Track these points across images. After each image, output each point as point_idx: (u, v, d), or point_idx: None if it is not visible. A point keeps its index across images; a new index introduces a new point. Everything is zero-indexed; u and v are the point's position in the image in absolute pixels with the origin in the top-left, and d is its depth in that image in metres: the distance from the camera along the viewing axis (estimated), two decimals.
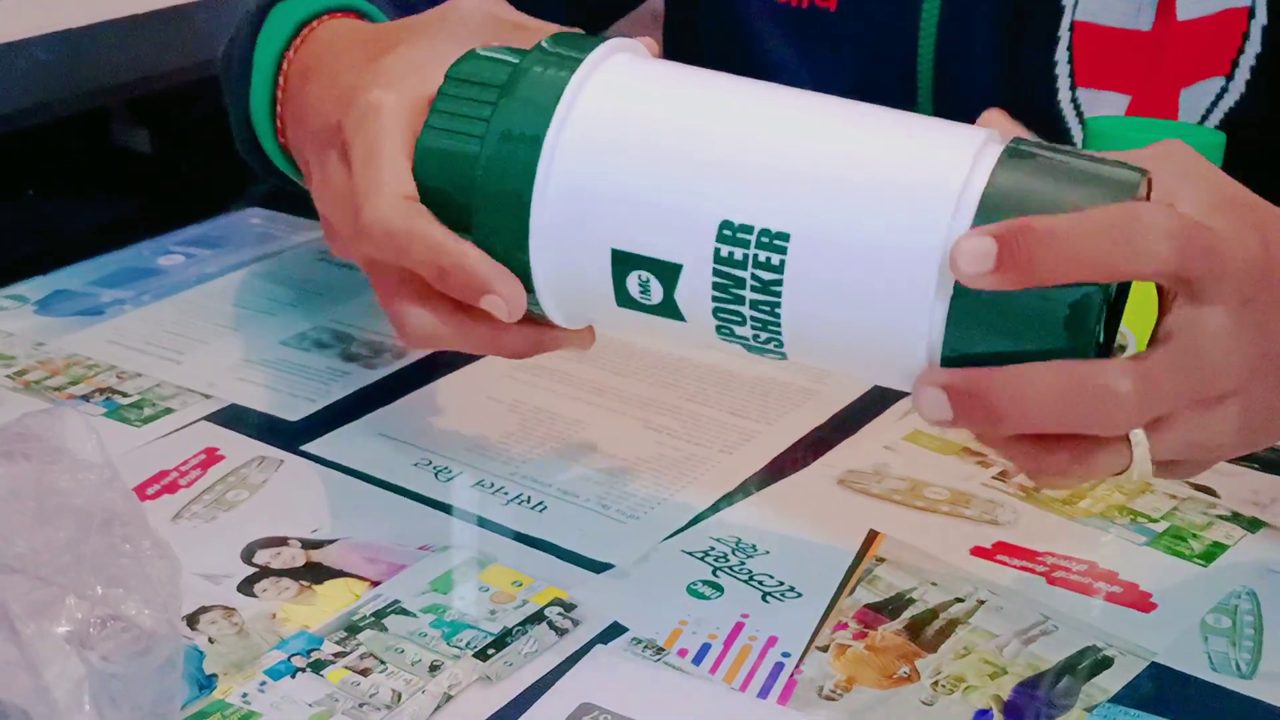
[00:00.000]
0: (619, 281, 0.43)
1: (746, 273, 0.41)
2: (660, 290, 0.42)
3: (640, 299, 0.43)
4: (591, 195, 0.42)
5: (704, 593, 0.47)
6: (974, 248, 0.37)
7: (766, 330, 0.42)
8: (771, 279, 0.40)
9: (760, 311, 0.41)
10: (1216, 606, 0.47)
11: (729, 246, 0.41)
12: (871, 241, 0.40)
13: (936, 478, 0.54)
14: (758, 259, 0.40)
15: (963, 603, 0.47)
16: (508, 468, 0.55)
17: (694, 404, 0.59)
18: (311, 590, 0.47)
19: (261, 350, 0.64)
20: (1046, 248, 0.37)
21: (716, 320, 0.42)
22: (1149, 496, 0.53)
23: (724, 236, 0.41)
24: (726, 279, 0.41)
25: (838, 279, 0.40)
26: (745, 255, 0.40)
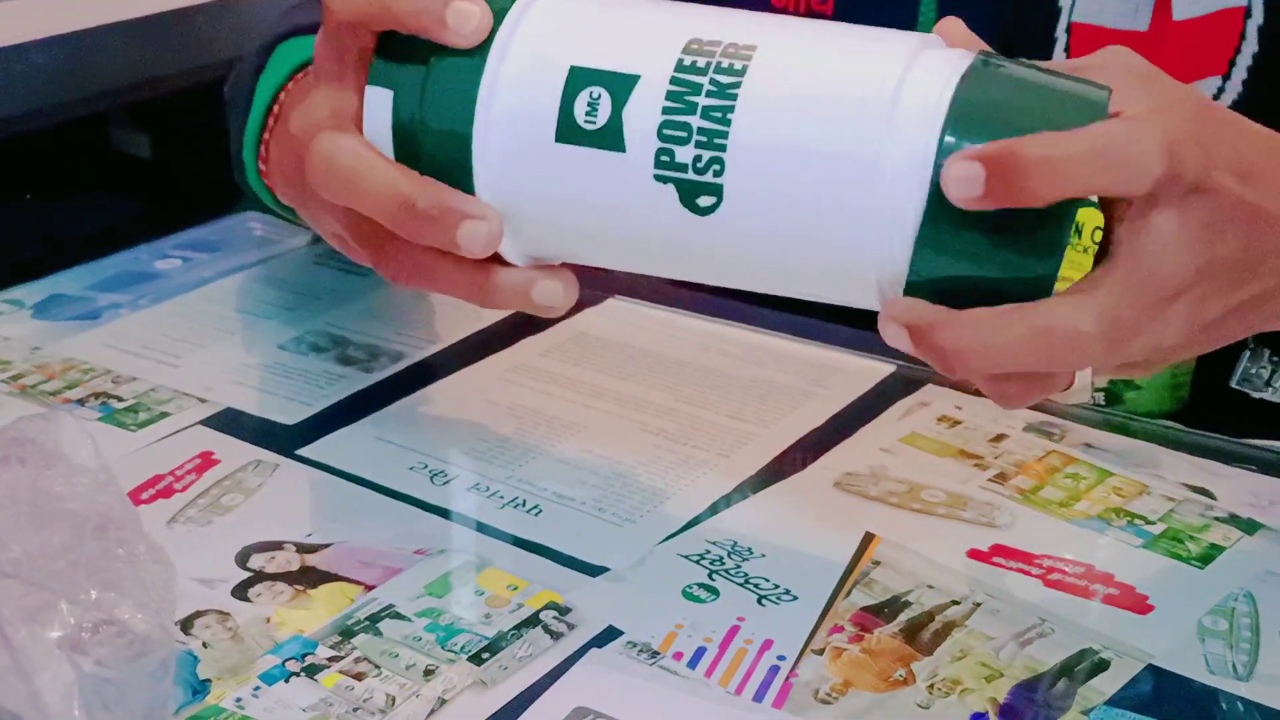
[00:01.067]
0: (566, 104, 0.41)
1: (706, 77, 0.40)
2: (608, 108, 0.41)
3: (584, 122, 0.41)
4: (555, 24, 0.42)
5: (699, 596, 0.47)
6: (963, 173, 0.38)
7: (711, 147, 0.40)
8: (730, 82, 0.40)
9: (711, 119, 0.40)
10: (1214, 609, 0.47)
11: (693, 56, 0.40)
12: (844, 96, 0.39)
13: (933, 480, 0.54)
14: (720, 65, 0.40)
15: (959, 605, 0.47)
16: (503, 471, 0.54)
17: (691, 406, 0.59)
18: (306, 594, 0.47)
19: (258, 354, 0.64)
20: (1038, 172, 0.37)
21: (659, 142, 0.40)
22: (1146, 498, 0.53)
23: (690, 49, 0.41)
24: (684, 86, 0.40)
25: (790, 120, 0.39)
26: (709, 62, 0.40)
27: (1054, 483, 0.54)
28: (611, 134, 0.41)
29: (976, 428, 0.57)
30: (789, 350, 0.64)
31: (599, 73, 0.41)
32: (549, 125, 0.42)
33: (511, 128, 0.42)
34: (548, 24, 0.42)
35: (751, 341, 0.64)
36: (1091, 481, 0.54)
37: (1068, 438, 0.57)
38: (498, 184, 0.43)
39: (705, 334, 0.65)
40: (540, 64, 0.42)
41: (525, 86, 0.42)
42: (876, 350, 0.63)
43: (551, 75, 0.41)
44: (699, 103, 0.40)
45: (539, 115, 0.42)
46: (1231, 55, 0.60)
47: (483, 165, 0.43)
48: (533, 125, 0.42)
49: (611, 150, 0.41)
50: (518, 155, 0.42)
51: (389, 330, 0.66)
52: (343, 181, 0.43)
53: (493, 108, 0.42)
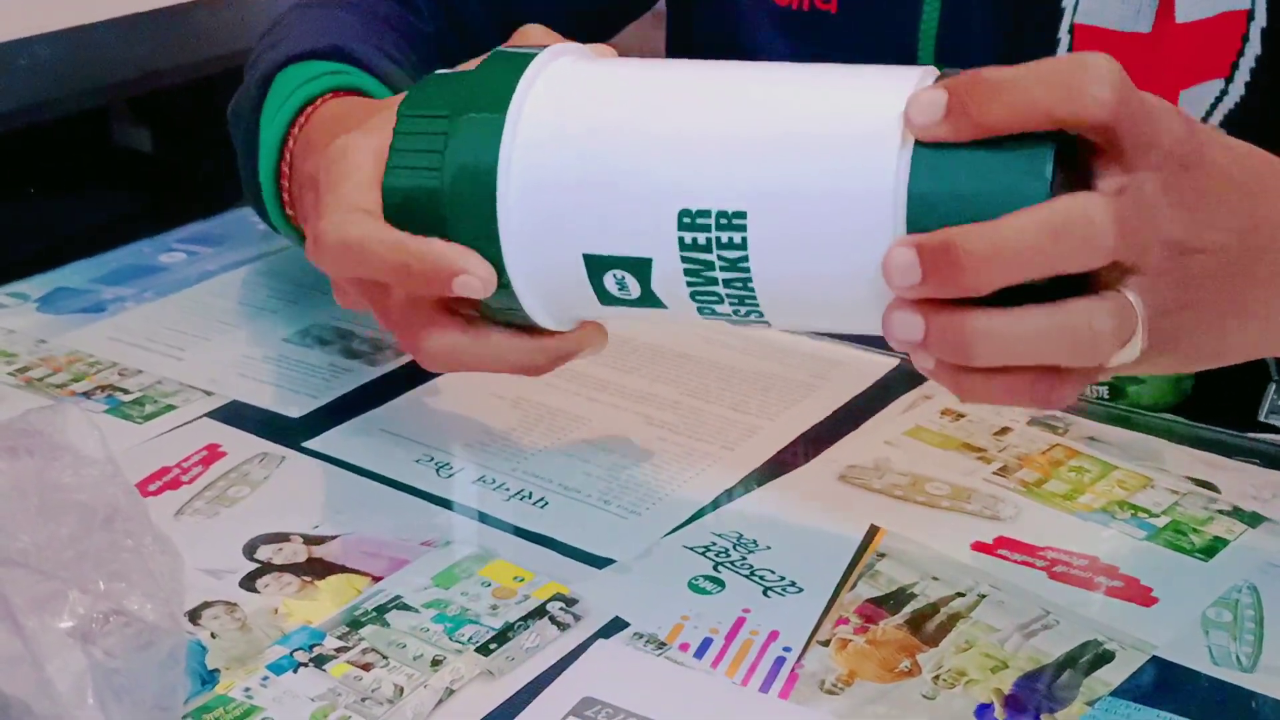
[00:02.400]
0: (597, 283, 0.44)
1: (713, 254, 0.41)
2: (637, 285, 0.43)
3: (620, 295, 0.44)
4: (553, 205, 0.43)
5: (705, 588, 0.47)
6: (927, 99, 0.38)
7: (744, 304, 0.43)
8: (737, 256, 0.41)
9: (734, 288, 0.42)
10: (1217, 600, 0.47)
11: (691, 233, 0.41)
12: (824, 192, 0.40)
13: (938, 473, 0.54)
14: (720, 240, 0.41)
15: (964, 597, 0.47)
16: (509, 464, 0.55)
17: (695, 399, 0.59)
18: (313, 585, 0.47)
19: (263, 347, 0.64)
20: (995, 95, 0.38)
21: (696, 303, 0.43)
22: (1150, 491, 0.53)
23: (684, 224, 0.41)
24: (696, 263, 0.42)
25: (799, 240, 0.41)
26: (709, 239, 0.41)
27: (1058, 476, 0.54)
28: (650, 298, 0.44)
29: (980, 421, 0.57)
30: (792, 344, 0.64)
31: (612, 258, 0.43)
32: (589, 294, 0.44)
33: (551, 294, 0.45)
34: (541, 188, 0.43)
35: (754, 334, 0.65)
36: (1095, 475, 0.54)
37: (1071, 431, 0.57)
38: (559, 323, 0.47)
39: (708, 327, 0.65)
40: (554, 254, 0.43)
41: (550, 274, 0.44)
42: (880, 344, 0.63)
43: (570, 263, 0.43)
44: (718, 277, 0.42)
45: (576, 289, 0.44)
46: (1234, 58, 0.60)
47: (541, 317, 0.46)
48: (573, 294, 0.44)
49: (656, 307, 0.44)
50: (572, 309, 0.46)
51: None
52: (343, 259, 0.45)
53: (525, 286, 0.44)
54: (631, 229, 0.42)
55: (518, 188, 0.43)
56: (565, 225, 0.43)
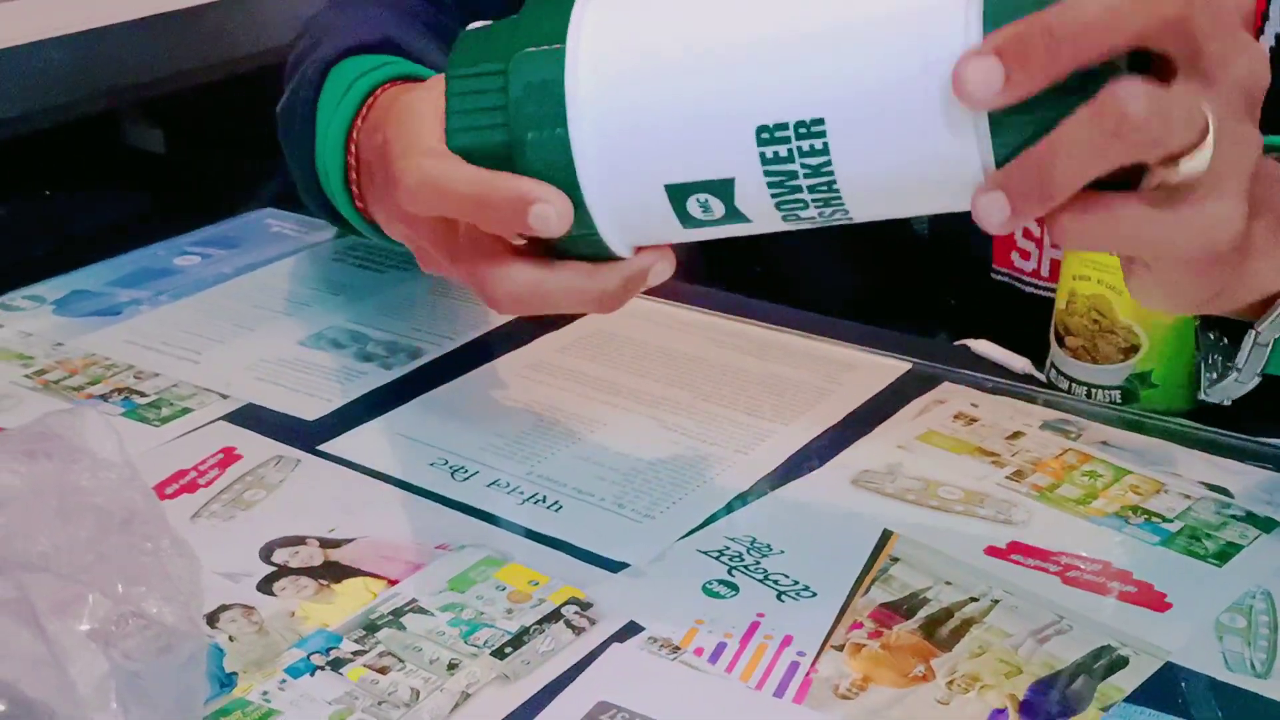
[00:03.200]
0: (679, 208, 0.43)
1: (796, 164, 0.41)
2: (721, 205, 0.43)
3: (704, 217, 0.43)
4: (627, 136, 0.42)
5: (719, 592, 0.48)
6: (976, 71, 0.37)
7: (829, 205, 0.42)
8: (820, 162, 0.41)
9: (819, 192, 0.42)
10: (1231, 606, 0.47)
11: (772, 147, 0.41)
12: (897, 81, 0.40)
13: (950, 477, 0.54)
14: (801, 149, 0.41)
15: (977, 602, 0.47)
16: (523, 467, 0.55)
17: (708, 403, 0.59)
18: (330, 589, 0.48)
19: (278, 350, 0.64)
20: (1051, 46, 0.37)
21: (781, 212, 0.43)
22: (1163, 496, 0.53)
23: (764, 140, 0.41)
24: (779, 174, 0.41)
25: (879, 130, 0.40)
26: (790, 150, 0.41)
27: (1071, 480, 0.54)
28: (735, 216, 0.43)
29: (993, 425, 0.58)
30: (805, 347, 0.64)
31: (694, 184, 0.42)
32: (673, 222, 0.44)
33: (637, 227, 0.44)
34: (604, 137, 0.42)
35: (767, 339, 0.65)
36: (1108, 479, 0.54)
37: (1085, 435, 0.57)
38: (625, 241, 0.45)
39: (721, 331, 0.65)
40: (632, 185, 0.43)
41: (634, 209, 0.44)
42: (892, 347, 0.64)
43: (650, 193, 0.43)
44: (802, 184, 0.42)
45: (658, 217, 0.44)
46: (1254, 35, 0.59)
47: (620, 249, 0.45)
48: (658, 224, 0.44)
49: (741, 223, 0.43)
50: (643, 231, 0.45)
51: (407, 326, 0.66)
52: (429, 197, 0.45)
53: (602, 215, 0.44)
54: (709, 153, 0.42)
55: (589, 121, 0.42)
56: (641, 155, 0.42)
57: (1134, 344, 0.58)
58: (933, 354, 0.63)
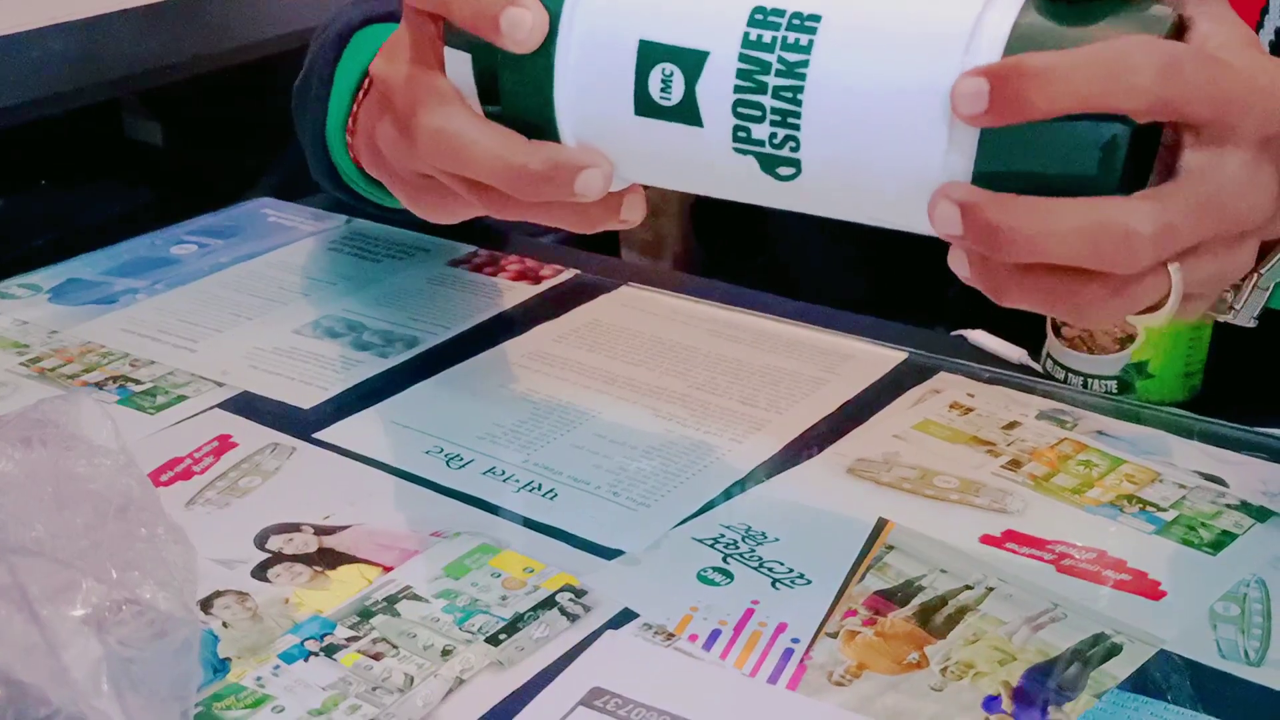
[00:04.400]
0: (641, 79, 0.42)
1: (774, 55, 0.40)
2: (682, 84, 0.41)
3: (660, 98, 0.42)
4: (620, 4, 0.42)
5: (714, 579, 0.48)
6: (967, 88, 0.38)
7: (785, 125, 0.40)
8: (798, 60, 0.40)
9: (782, 99, 0.40)
10: (1225, 595, 0.47)
11: (759, 30, 0.40)
12: (907, 24, 0.39)
13: (946, 466, 0.54)
14: (786, 41, 0.40)
15: (972, 590, 0.47)
16: (519, 455, 0.55)
17: (703, 393, 0.59)
18: (324, 575, 0.48)
19: (274, 339, 0.64)
20: (1038, 85, 0.38)
21: (735, 119, 0.41)
22: (1158, 486, 0.53)
23: (755, 20, 0.40)
24: (752, 64, 0.40)
25: (865, 67, 0.40)
26: (775, 38, 0.40)
27: (1066, 470, 0.54)
28: (688, 110, 0.41)
29: (989, 415, 0.58)
30: (801, 337, 0.64)
31: (668, 49, 0.41)
32: (627, 99, 0.42)
33: (590, 100, 0.43)
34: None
35: (763, 329, 0.65)
36: (1104, 469, 0.54)
37: (1080, 425, 0.57)
38: (584, 143, 0.44)
39: (717, 321, 0.65)
40: (610, 38, 0.42)
41: (598, 62, 0.42)
42: (889, 337, 0.64)
43: (622, 51, 0.42)
44: (769, 82, 0.40)
45: (615, 89, 0.42)
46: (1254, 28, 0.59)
47: (567, 131, 0.43)
48: (611, 98, 0.42)
49: (690, 125, 0.42)
50: (600, 124, 0.43)
51: (403, 316, 0.66)
52: (452, 153, 0.44)
53: (568, 84, 0.43)
54: (698, 15, 0.41)
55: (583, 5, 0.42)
56: (625, 16, 0.42)
57: (1130, 334, 0.58)
58: (929, 344, 0.63)
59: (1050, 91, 0.38)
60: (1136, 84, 0.38)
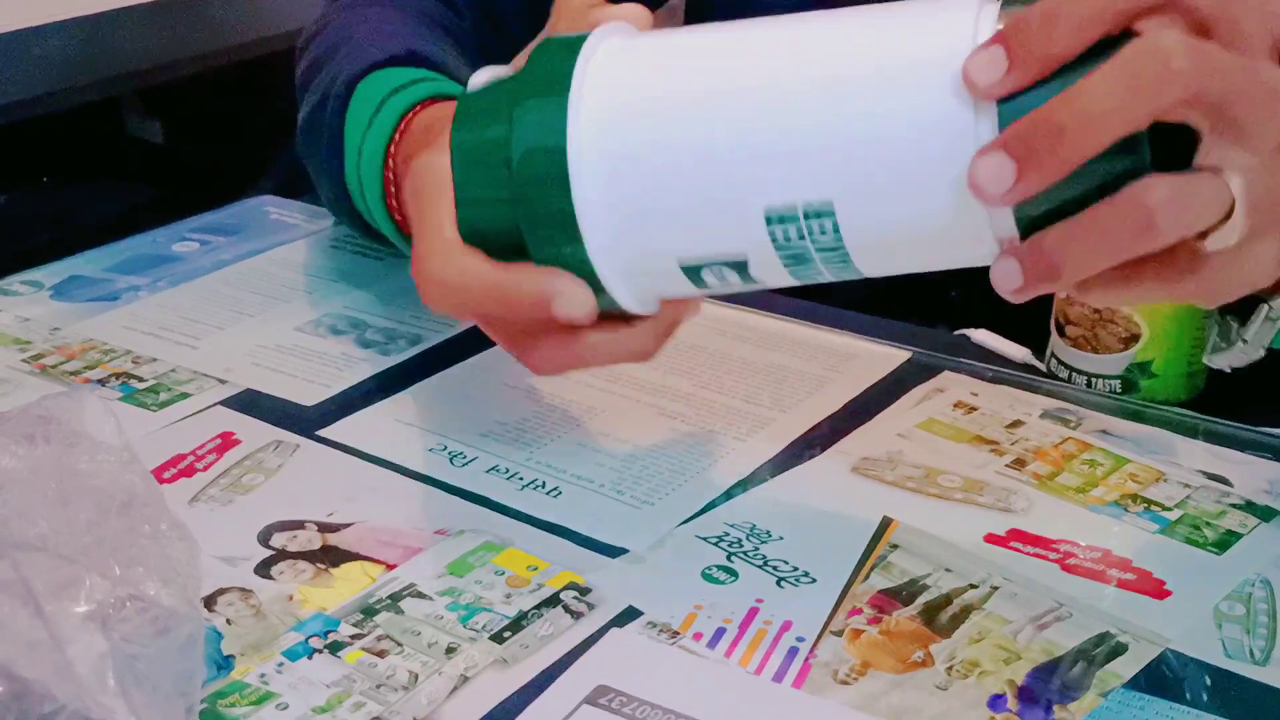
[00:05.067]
0: (695, 279, 0.44)
1: (807, 242, 0.41)
2: (736, 276, 0.43)
3: (721, 285, 0.44)
4: (640, 226, 0.43)
5: (718, 578, 0.48)
6: (983, 60, 0.37)
7: (845, 271, 0.42)
8: (831, 241, 0.41)
9: (832, 263, 0.42)
10: (1231, 594, 0.47)
11: (781, 228, 0.41)
12: (906, 159, 0.39)
13: (950, 465, 0.54)
14: (811, 230, 0.41)
15: (977, 589, 0.47)
16: (522, 453, 0.55)
17: (708, 391, 0.59)
18: (328, 573, 0.48)
19: (276, 336, 0.64)
20: (1060, 141, 0.36)
21: (796, 279, 0.43)
22: (1162, 485, 0.53)
23: (772, 221, 0.41)
24: (791, 251, 0.42)
25: (891, 210, 0.40)
26: (799, 230, 0.41)
27: (1071, 469, 0.54)
28: (750, 282, 0.44)
29: (993, 414, 0.58)
30: (805, 336, 0.64)
31: (708, 262, 0.43)
32: (689, 286, 0.44)
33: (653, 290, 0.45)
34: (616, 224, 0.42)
35: (767, 327, 0.65)
36: (1108, 468, 0.54)
37: (1084, 424, 0.57)
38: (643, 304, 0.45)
39: (722, 320, 0.65)
40: (650, 268, 0.43)
41: (649, 283, 0.44)
42: (893, 337, 0.63)
43: (667, 272, 0.43)
44: (814, 259, 0.42)
45: (676, 285, 0.44)
46: None
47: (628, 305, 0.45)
48: (674, 287, 0.44)
49: (756, 285, 0.44)
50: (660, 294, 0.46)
51: (406, 313, 0.66)
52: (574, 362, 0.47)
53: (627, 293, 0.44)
54: (720, 235, 0.42)
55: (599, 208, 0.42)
56: (653, 238, 0.43)
57: (1134, 333, 0.58)
58: (933, 343, 0.63)
59: (1079, 140, 0.36)
60: (1170, 81, 0.36)
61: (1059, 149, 0.37)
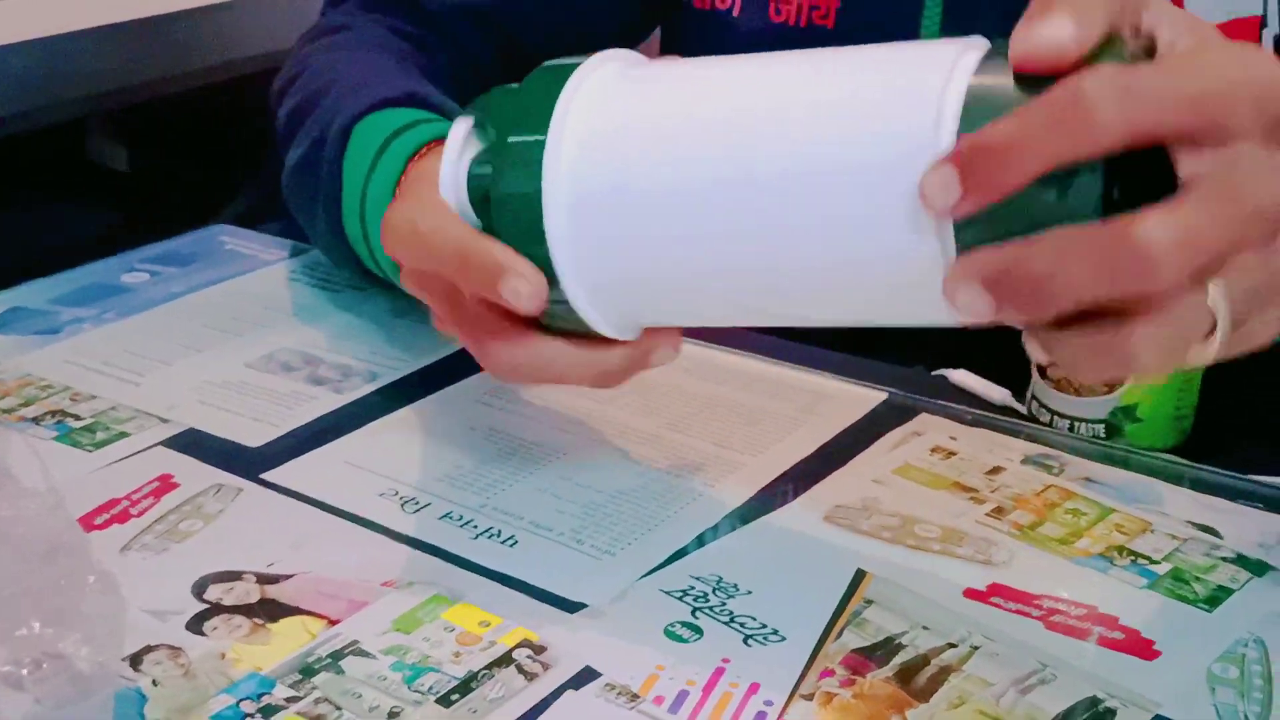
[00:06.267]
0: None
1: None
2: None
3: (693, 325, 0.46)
4: (612, 284, 0.43)
5: (682, 635, 0.45)
6: (938, 180, 0.36)
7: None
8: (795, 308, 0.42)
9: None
10: (1223, 655, 0.44)
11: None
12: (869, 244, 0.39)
13: (928, 514, 0.51)
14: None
15: (956, 648, 0.44)
16: (478, 499, 0.52)
17: (676, 433, 0.57)
18: (265, 629, 0.45)
19: (225, 372, 0.61)
20: (1003, 163, 0.35)
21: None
22: (1150, 536, 0.50)
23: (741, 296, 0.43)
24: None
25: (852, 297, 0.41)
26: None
27: (1054, 518, 0.51)
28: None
29: (972, 459, 0.55)
30: (778, 375, 0.61)
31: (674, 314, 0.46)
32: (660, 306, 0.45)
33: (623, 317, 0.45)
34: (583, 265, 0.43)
35: (740, 367, 0.62)
36: (1093, 518, 0.52)
37: (1067, 471, 0.54)
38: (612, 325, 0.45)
39: (693, 359, 0.63)
40: (620, 307, 0.45)
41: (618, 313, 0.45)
42: (868, 377, 0.61)
43: (636, 311, 0.45)
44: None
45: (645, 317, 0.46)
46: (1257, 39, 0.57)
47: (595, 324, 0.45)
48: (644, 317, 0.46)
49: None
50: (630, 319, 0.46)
51: (364, 349, 0.63)
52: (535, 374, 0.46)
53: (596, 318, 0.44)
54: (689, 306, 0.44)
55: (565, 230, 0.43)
56: (624, 296, 0.44)
57: None
58: (910, 384, 0.61)
59: (1019, 161, 0.35)
60: (1100, 121, 0.35)
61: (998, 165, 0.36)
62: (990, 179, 0.36)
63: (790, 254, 0.40)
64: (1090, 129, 0.35)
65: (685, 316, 0.46)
